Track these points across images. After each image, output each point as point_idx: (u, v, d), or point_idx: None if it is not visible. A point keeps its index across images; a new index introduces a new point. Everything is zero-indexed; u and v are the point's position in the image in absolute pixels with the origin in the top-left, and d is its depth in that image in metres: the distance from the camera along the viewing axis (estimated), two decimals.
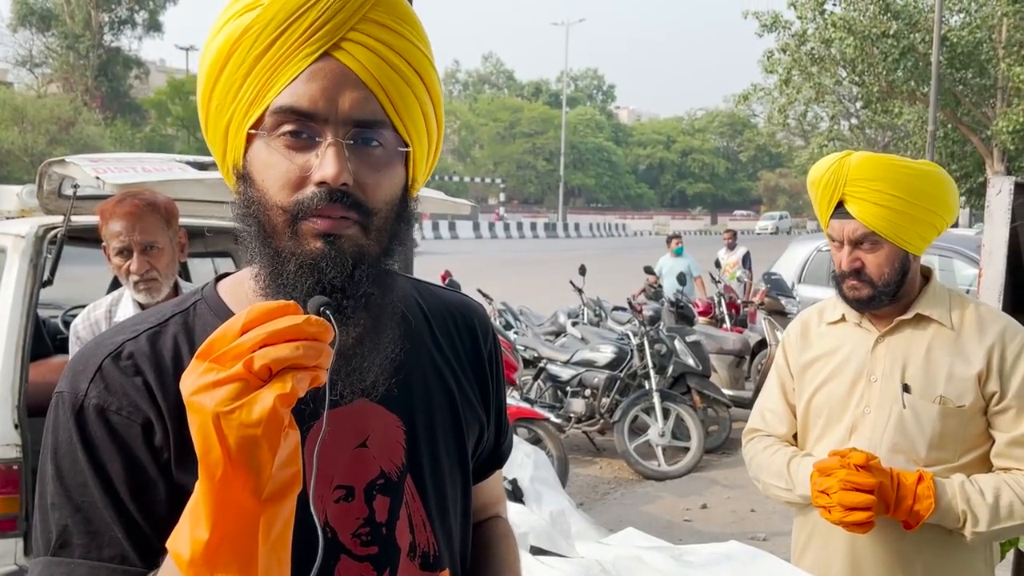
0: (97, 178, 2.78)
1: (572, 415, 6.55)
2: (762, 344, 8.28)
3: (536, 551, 2.68)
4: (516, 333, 8.03)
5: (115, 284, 3.69)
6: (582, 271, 9.71)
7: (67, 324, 4.36)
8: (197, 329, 0.91)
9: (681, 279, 9.66)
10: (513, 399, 5.80)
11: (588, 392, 6.67)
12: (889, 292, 1.77)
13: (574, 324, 8.52)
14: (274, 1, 0.82)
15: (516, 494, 3.79)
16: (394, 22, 0.85)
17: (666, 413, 6.27)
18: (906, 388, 1.77)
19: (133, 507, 0.83)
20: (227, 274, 1.00)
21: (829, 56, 22.81)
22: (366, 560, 0.92)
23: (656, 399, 6.25)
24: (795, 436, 1.98)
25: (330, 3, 0.82)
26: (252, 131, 0.85)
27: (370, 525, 0.93)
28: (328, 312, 0.76)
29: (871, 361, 1.82)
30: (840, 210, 1.76)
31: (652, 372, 6.37)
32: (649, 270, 9.10)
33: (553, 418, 5.83)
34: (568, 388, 6.76)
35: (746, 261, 11.67)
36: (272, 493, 0.68)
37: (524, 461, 4.09)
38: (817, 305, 2.03)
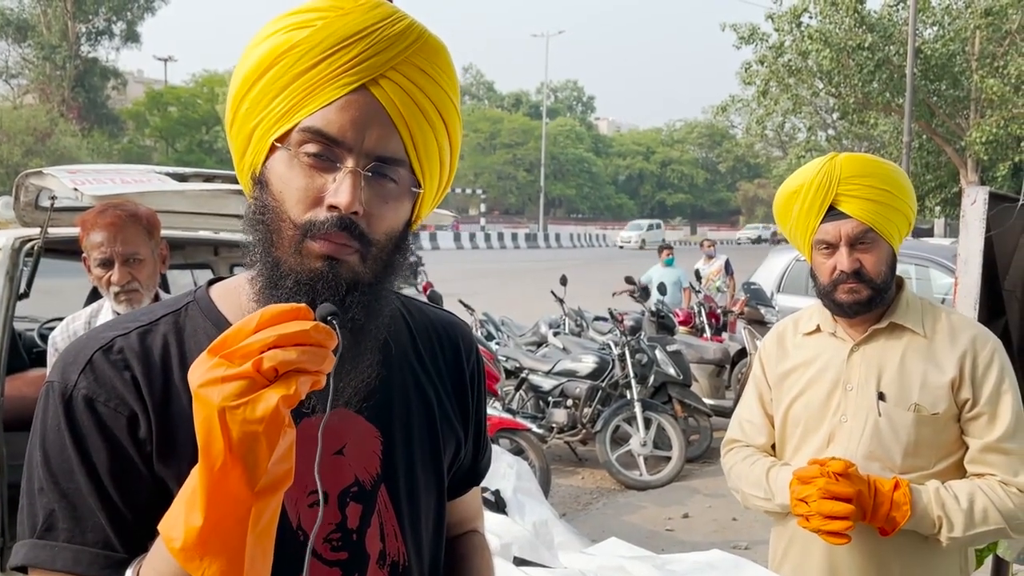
0: (75, 190, 2.76)
1: (554, 425, 6.55)
2: (742, 353, 8.34)
3: (519, 562, 2.68)
4: (498, 343, 8.02)
5: (94, 296, 3.66)
6: (563, 281, 9.71)
7: (43, 337, 4.31)
8: (187, 330, 0.94)
9: (661, 288, 9.69)
10: (495, 409, 5.79)
11: (570, 402, 6.68)
12: (886, 290, 1.79)
13: (556, 334, 8.52)
14: (326, 26, 0.85)
15: (499, 505, 3.78)
16: (432, 68, 0.89)
17: (647, 423, 6.29)
18: (881, 396, 1.79)
19: (116, 495, 0.85)
20: (220, 278, 1.02)
21: (806, 68, 23.06)
22: (336, 565, 0.95)
23: (637, 409, 6.27)
24: (773, 446, 2.00)
25: (378, 40, 0.85)
26: (277, 144, 0.88)
27: (341, 531, 0.95)
28: (334, 321, 0.79)
29: (846, 370, 1.84)
30: (832, 212, 1.77)
31: (633, 382, 6.38)
32: (630, 280, 9.12)
33: (535, 428, 5.83)
34: (550, 398, 6.77)
35: (728, 269, 11.73)
36: (265, 486, 0.72)
37: (507, 472, 4.08)
38: (791, 316, 2.04)
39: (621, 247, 43.01)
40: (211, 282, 1.01)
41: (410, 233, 0.97)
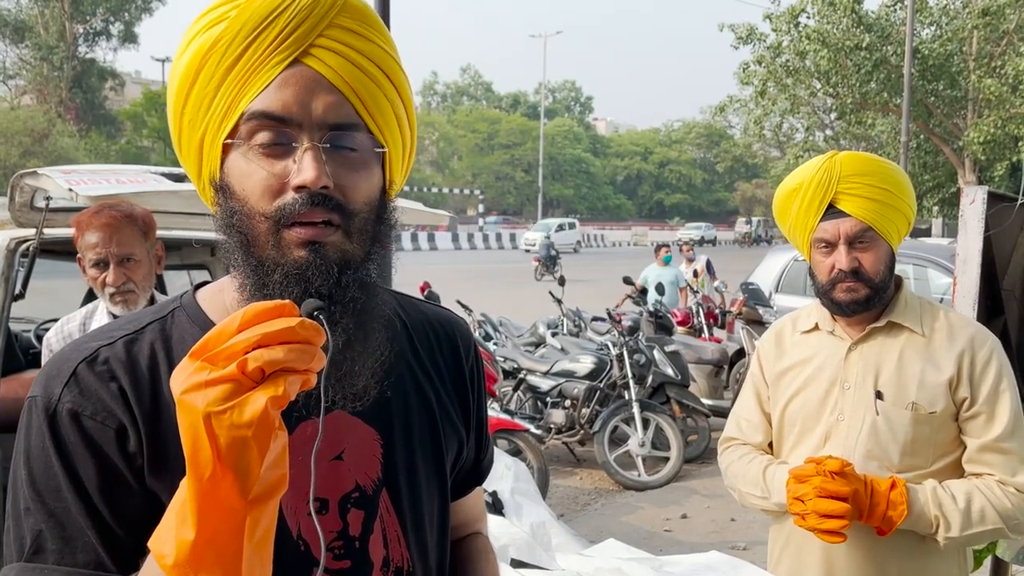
0: (70, 190, 2.74)
1: (552, 426, 6.54)
2: (740, 353, 8.34)
3: (517, 564, 2.67)
4: (496, 344, 8.01)
5: (89, 296, 3.64)
6: (561, 282, 9.72)
7: (39, 338, 4.30)
8: (175, 337, 0.91)
9: (659, 288, 9.69)
10: (493, 410, 5.78)
11: (568, 403, 6.67)
12: (884, 289, 1.79)
13: (554, 335, 8.51)
14: (241, 13, 0.83)
15: (497, 506, 3.78)
16: (361, 27, 0.86)
17: (646, 423, 6.28)
18: (879, 395, 1.79)
19: (107, 512, 0.82)
20: (205, 283, 1.00)
21: (804, 68, 23.10)
22: (339, 574, 0.92)
23: (636, 409, 6.26)
24: (770, 445, 1.99)
25: (297, 11, 0.83)
26: (228, 141, 0.85)
27: (343, 539, 0.92)
28: (321, 316, 0.76)
29: (844, 369, 1.84)
30: (831, 211, 1.77)
31: (631, 382, 6.37)
32: (628, 280, 9.13)
33: (533, 429, 5.83)
34: (548, 399, 6.75)
35: (710, 269, 11.72)
36: (259, 494, 0.68)
37: (504, 473, 4.07)
38: (790, 314, 2.04)
39: (527, 251, 37.24)
40: (198, 286, 0.98)
41: (389, 201, 0.93)
